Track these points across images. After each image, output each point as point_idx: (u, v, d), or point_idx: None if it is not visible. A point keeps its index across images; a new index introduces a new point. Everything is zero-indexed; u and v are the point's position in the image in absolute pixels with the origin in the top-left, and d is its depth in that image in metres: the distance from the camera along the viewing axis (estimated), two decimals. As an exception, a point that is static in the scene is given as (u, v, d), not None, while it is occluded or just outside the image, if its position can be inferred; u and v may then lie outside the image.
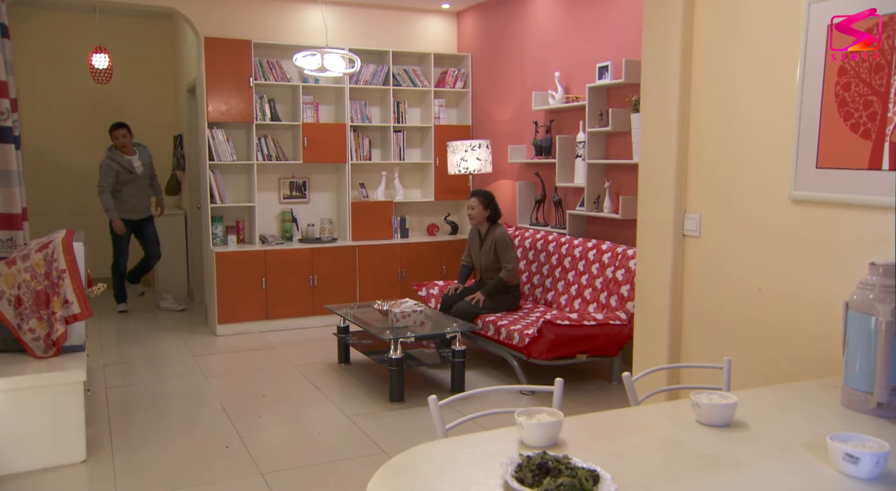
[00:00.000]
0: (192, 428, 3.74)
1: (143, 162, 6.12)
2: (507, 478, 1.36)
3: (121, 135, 5.97)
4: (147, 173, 6.19)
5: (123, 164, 5.98)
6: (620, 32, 4.60)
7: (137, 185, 6.12)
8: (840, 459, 1.43)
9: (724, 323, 2.75)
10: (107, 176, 5.92)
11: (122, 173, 5.96)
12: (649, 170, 3.02)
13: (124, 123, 6.05)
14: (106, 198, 5.95)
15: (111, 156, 5.96)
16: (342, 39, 6.00)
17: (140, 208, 6.22)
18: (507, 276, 4.70)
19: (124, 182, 6.01)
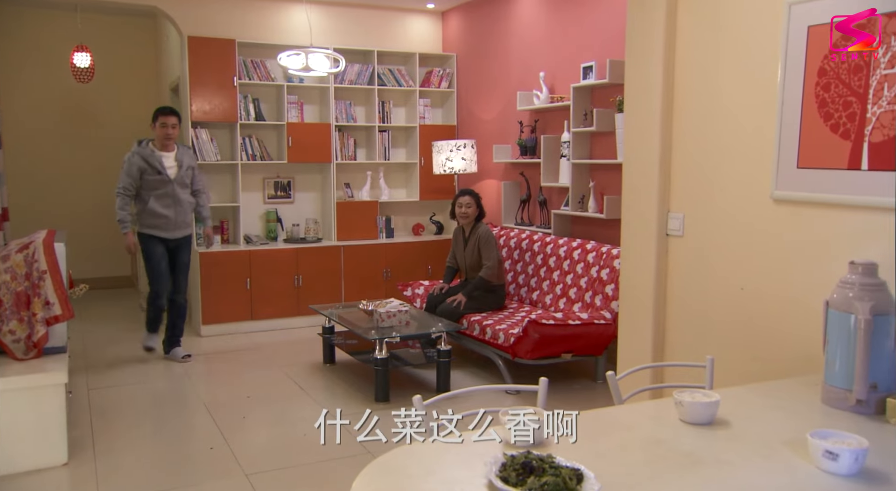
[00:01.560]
0: (176, 430, 3.71)
1: (179, 163, 4.68)
2: (491, 477, 1.36)
3: (169, 124, 4.57)
4: (184, 179, 4.71)
5: (150, 162, 4.57)
6: (604, 33, 4.63)
7: (169, 192, 4.65)
8: (820, 455, 1.44)
9: (708, 322, 2.77)
10: (125, 174, 4.60)
11: (147, 173, 4.58)
12: (633, 170, 3.04)
13: (176, 111, 4.66)
14: (119, 202, 4.60)
15: (138, 149, 4.61)
16: (327, 39, 5.98)
17: (172, 224, 4.69)
18: (488, 274, 4.70)
19: (151, 186, 4.60)
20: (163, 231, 4.68)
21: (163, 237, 4.70)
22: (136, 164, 4.56)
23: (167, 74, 6.88)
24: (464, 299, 4.61)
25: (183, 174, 4.69)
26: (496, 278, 4.75)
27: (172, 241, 4.75)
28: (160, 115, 4.58)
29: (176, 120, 4.60)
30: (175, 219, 4.69)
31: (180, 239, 4.78)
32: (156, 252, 4.71)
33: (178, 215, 4.70)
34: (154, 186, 4.60)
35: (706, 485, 1.42)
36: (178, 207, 4.70)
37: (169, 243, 4.73)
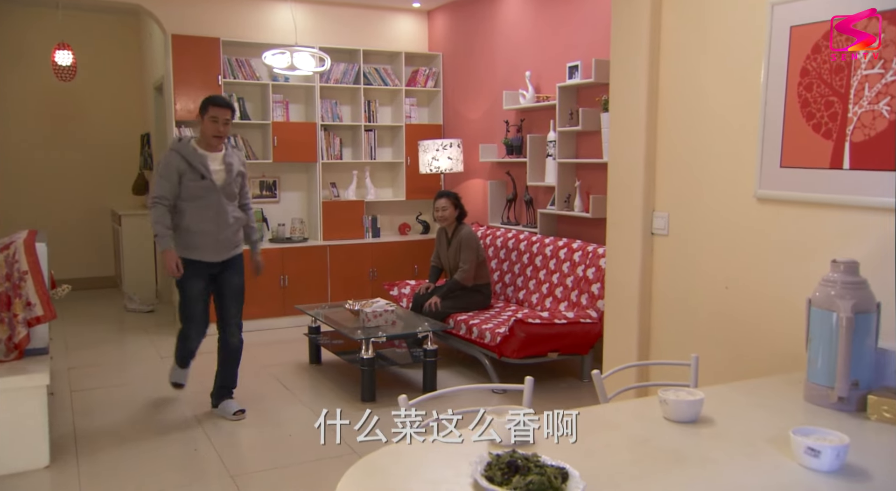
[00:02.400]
0: (160, 431, 3.68)
1: (227, 167, 3.64)
2: (476, 477, 1.36)
3: (222, 119, 3.56)
4: (232, 188, 3.66)
5: (192, 162, 3.52)
6: (590, 32, 4.64)
7: (212, 203, 3.58)
8: (802, 452, 1.45)
9: (692, 320, 2.79)
10: (161, 178, 3.55)
11: (188, 177, 3.53)
12: (618, 169, 3.05)
13: (230, 104, 3.67)
14: (155, 214, 3.55)
15: (177, 146, 3.59)
16: (312, 38, 5.95)
17: (215, 244, 3.64)
18: (462, 277, 4.69)
19: (190, 194, 3.55)
20: (204, 253, 3.60)
21: (204, 262, 3.62)
22: (175, 164, 3.51)
23: (151, 73, 6.82)
24: (438, 301, 4.60)
25: (231, 181, 3.62)
26: (471, 281, 4.73)
27: (217, 265, 3.68)
28: (211, 106, 3.55)
29: (230, 115, 3.61)
30: (219, 236, 3.60)
31: (228, 261, 3.70)
32: (193, 286, 3.65)
33: (224, 232, 3.62)
34: (194, 195, 3.54)
35: (690, 483, 1.42)
36: (224, 222, 3.61)
37: (213, 268, 3.67)
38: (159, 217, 3.54)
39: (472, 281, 4.72)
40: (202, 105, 3.61)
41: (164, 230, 3.54)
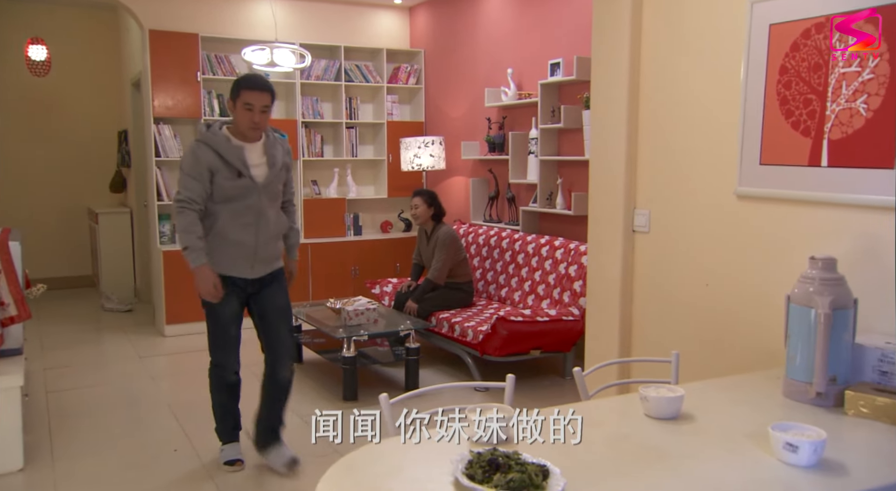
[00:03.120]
0: (139, 432, 3.63)
1: (270, 160, 2.92)
2: (457, 475, 1.36)
3: (258, 106, 2.80)
4: (275, 186, 2.97)
5: (226, 156, 2.81)
6: (572, 29, 4.65)
7: (252, 205, 2.89)
8: (780, 448, 1.47)
9: (674, 317, 2.80)
10: (188, 175, 2.81)
11: (221, 174, 2.82)
12: (599, 166, 3.06)
13: (268, 85, 2.87)
14: (183, 220, 2.82)
15: (206, 137, 2.83)
16: (292, 34, 5.90)
17: (253, 257, 2.95)
18: (433, 276, 4.67)
19: (224, 195, 2.84)
20: (239, 268, 2.91)
21: (238, 278, 2.93)
22: (205, 159, 2.78)
23: (129, 69, 6.71)
24: (415, 307, 4.59)
25: (274, 178, 2.92)
26: (443, 279, 4.72)
27: (254, 283, 2.98)
28: (244, 91, 2.77)
29: (270, 99, 2.83)
30: (259, 248, 2.91)
31: (266, 277, 3.00)
32: (226, 306, 2.94)
33: (264, 242, 2.92)
34: (229, 196, 2.83)
35: (671, 479, 1.43)
36: (265, 230, 2.91)
37: (249, 286, 2.97)
38: (188, 225, 2.79)
39: (444, 280, 4.71)
40: (233, 88, 2.83)
41: (195, 241, 2.79)
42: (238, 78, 2.88)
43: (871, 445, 1.60)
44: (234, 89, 2.82)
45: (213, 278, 2.82)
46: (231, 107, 2.85)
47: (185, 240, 2.81)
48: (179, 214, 2.83)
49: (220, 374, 3.14)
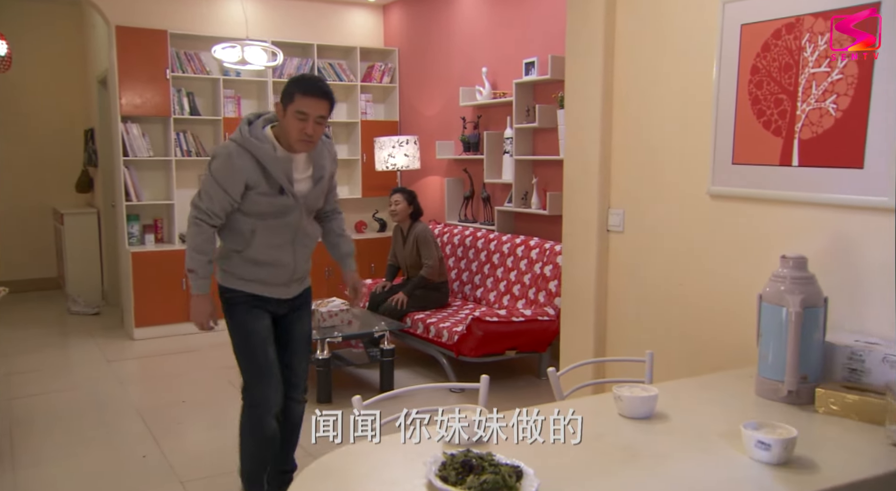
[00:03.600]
0: (106, 438, 3.54)
1: (317, 169, 2.49)
2: (430, 477, 1.35)
3: (312, 115, 2.32)
4: (317, 200, 2.54)
5: (270, 168, 2.35)
6: (546, 28, 4.65)
7: (291, 222, 2.46)
8: (752, 446, 1.48)
9: (648, 316, 2.81)
10: (214, 184, 2.35)
11: (259, 190, 2.36)
12: (574, 166, 3.06)
13: (328, 92, 2.37)
14: (196, 237, 2.41)
15: (247, 141, 2.33)
16: (264, 31, 5.82)
17: (289, 276, 2.53)
18: (428, 273, 4.66)
19: (260, 211, 2.40)
20: (272, 288, 2.49)
21: (271, 299, 2.50)
22: (243, 168, 2.31)
23: (95, 65, 6.56)
24: (405, 298, 4.57)
25: (318, 191, 2.51)
26: (437, 276, 4.72)
27: (285, 304, 2.56)
28: (299, 96, 2.30)
29: (328, 109, 2.36)
30: (296, 266, 2.52)
31: (298, 298, 2.60)
32: (258, 329, 2.49)
33: (303, 260, 2.55)
34: (266, 211, 2.39)
35: (644, 478, 1.43)
36: (303, 247, 2.52)
37: (280, 307, 2.55)
38: (201, 244, 2.38)
39: (438, 277, 4.70)
40: (286, 91, 2.32)
41: (204, 266, 2.38)
42: (293, 79, 2.37)
43: (841, 442, 1.61)
44: (286, 92, 2.33)
45: (209, 313, 2.45)
46: (279, 111, 2.35)
47: (193, 261, 2.39)
48: (193, 227, 2.39)
49: (260, 416, 2.45)
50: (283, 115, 2.34)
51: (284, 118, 2.34)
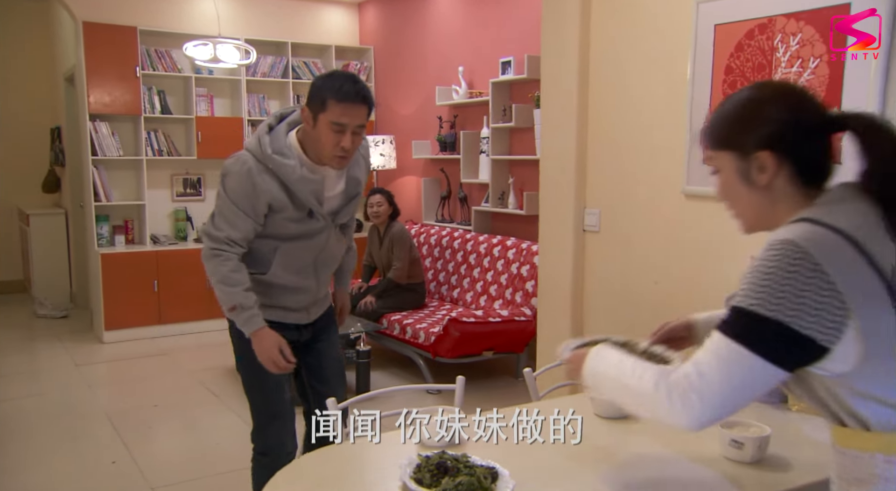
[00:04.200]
0: (74, 444, 3.45)
1: (349, 184, 2.13)
2: (404, 479, 1.33)
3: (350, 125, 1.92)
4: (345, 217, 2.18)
5: (297, 191, 1.98)
6: (523, 27, 4.65)
7: (319, 244, 2.12)
8: (727, 444, 1.49)
9: (624, 316, 2.81)
10: (237, 209, 1.97)
11: (285, 214, 2.01)
12: (550, 165, 3.05)
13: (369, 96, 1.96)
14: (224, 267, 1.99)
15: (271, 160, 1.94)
16: (236, 29, 5.73)
17: (310, 301, 2.21)
18: (395, 275, 4.63)
19: (283, 233, 2.05)
20: (291, 314, 2.17)
21: (289, 325, 2.17)
22: (265, 190, 1.96)
23: (61, 62, 6.41)
24: (373, 300, 4.54)
25: (351, 208, 2.18)
26: (405, 278, 4.68)
27: (306, 330, 2.24)
28: (335, 102, 1.90)
29: (367, 115, 1.97)
30: (319, 288, 2.21)
31: (319, 320, 2.27)
32: None
33: (325, 281, 2.23)
34: (290, 233, 2.06)
35: (618, 478, 1.42)
36: (325, 267, 2.20)
37: (301, 335, 2.21)
38: (229, 275, 1.97)
39: (406, 279, 4.67)
40: (315, 95, 1.92)
41: (244, 297, 1.98)
42: (323, 80, 1.92)
43: (815, 440, 1.62)
44: (315, 96, 1.90)
45: (277, 342, 2.00)
46: (308, 119, 1.93)
47: (229, 297, 1.97)
48: (212, 259, 1.98)
49: (272, 465, 1.79)
50: (311, 125, 1.92)
51: (314, 128, 1.92)
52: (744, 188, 1.14)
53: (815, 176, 1.09)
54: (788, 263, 0.98)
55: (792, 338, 0.98)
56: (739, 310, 1.03)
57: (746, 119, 1.10)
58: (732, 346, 1.01)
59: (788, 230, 1.03)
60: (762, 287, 1.00)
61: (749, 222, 1.20)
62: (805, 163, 1.08)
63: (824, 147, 1.09)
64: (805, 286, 0.97)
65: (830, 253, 0.98)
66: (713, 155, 1.17)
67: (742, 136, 1.10)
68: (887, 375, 1.00)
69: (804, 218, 1.04)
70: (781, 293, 0.98)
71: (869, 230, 1.01)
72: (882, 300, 0.98)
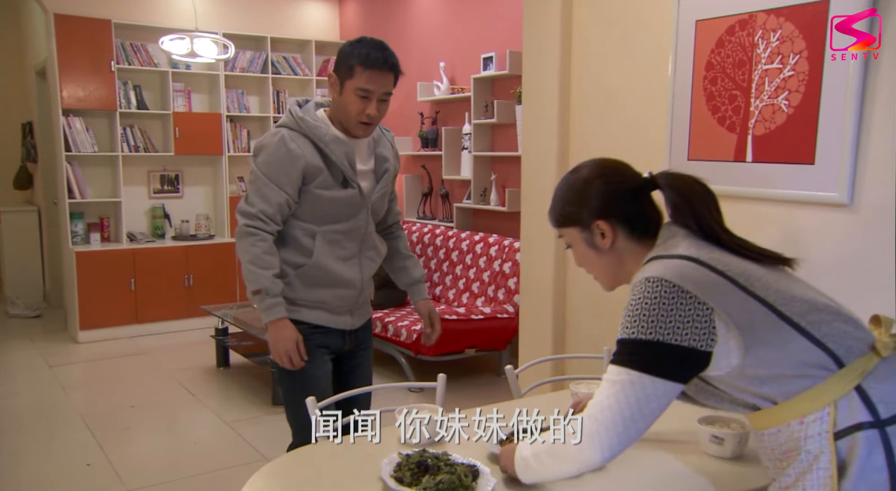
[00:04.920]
0: (48, 446, 3.38)
1: (379, 162, 2.05)
2: (385, 478, 1.32)
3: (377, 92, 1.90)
4: (383, 198, 2.08)
5: (331, 153, 1.91)
6: (504, 23, 4.63)
7: (358, 227, 2.00)
8: (707, 440, 1.49)
9: (606, 313, 2.81)
10: (269, 181, 1.89)
11: (321, 181, 1.92)
12: (531, 161, 3.04)
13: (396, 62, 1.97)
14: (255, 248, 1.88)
15: (303, 123, 1.92)
16: (214, 23, 5.64)
17: (357, 301, 2.07)
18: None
19: (325, 213, 1.94)
20: (336, 317, 2.01)
21: (335, 331, 2.02)
22: (301, 155, 1.89)
23: (33, 55, 6.27)
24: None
25: (382, 189, 2.05)
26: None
27: (349, 337, 2.07)
28: (362, 68, 1.88)
29: (393, 82, 1.96)
30: (363, 286, 2.06)
31: (360, 330, 2.11)
32: (319, 376, 2.01)
33: (369, 279, 2.09)
34: (329, 212, 1.94)
35: (598, 475, 1.41)
36: (370, 261, 2.07)
37: (344, 344, 2.05)
38: (260, 256, 1.87)
39: None
40: (342, 61, 1.91)
41: (271, 282, 1.87)
42: (350, 45, 1.91)
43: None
44: (342, 63, 1.90)
45: (295, 337, 1.88)
46: (335, 85, 1.91)
47: (256, 278, 1.86)
48: (246, 238, 1.87)
49: None
50: (338, 92, 1.91)
51: (340, 95, 1.90)
52: (594, 254, 1.35)
53: (645, 229, 1.30)
54: (651, 293, 1.15)
55: (675, 352, 1.13)
56: (623, 341, 1.19)
57: (577, 198, 1.32)
58: (623, 372, 1.16)
59: (643, 271, 1.22)
60: (636, 318, 1.17)
61: (607, 281, 1.41)
62: (634, 221, 1.30)
63: (645, 205, 1.32)
64: (671, 306, 1.13)
65: (681, 273, 1.15)
66: (562, 232, 1.37)
67: (578, 214, 1.31)
68: (774, 353, 1.12)
69: (651, 258, 1.24)
70: (652, 318, 1.14)
71: (699, 248, 1.21)
72: (738, 294, 1.13)
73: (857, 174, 1.98)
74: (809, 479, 1.10)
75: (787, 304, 1.14)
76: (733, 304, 1.12)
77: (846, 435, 1.07)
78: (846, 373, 1.10)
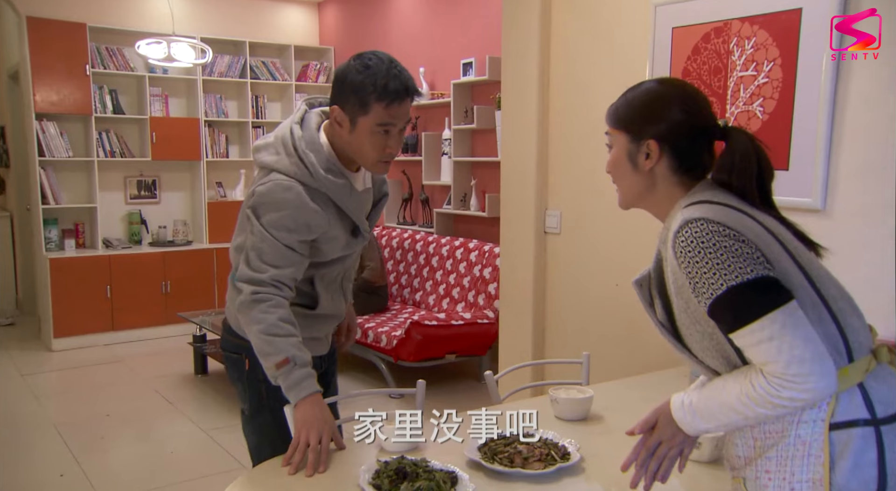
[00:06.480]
0: (20, 457, 3.31)
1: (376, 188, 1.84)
2: (363, 485, 1.32)
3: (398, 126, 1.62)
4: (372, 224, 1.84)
5: (345, 206, 1.67)
6: (484, 28, 4.65)
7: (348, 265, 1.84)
8: (687, 444, 1.48)
9: (586, 318, 2.82)
10: (282, 245, 1.59)
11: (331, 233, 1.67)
12: (511, 167, 3.05)
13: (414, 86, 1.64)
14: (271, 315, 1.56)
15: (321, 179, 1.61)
16: (192, 27, 5.60)
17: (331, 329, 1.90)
18: (371, 275, 4.60)
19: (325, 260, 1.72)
20: (319, 345, 1.85)
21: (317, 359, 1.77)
22: (320, 223, 1.64)
23: (5, 58, 6.15)
24: None
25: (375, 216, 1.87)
26: (379, 279, 4.65)
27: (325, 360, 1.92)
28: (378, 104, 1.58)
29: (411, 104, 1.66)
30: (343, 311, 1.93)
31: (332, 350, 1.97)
32: None
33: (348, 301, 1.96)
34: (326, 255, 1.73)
35: (578, 480, 1.42)
36: (349, 283, 1.92)
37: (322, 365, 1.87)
38: (277, 324, 1.57)
39: (382, 279, 4.63)
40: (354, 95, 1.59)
41: (297, 348, 1.57)
42: (357, 73, 1.60)
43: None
44: (353, 96, 1.58)
45: (331, 419, 1.54)
46: (343, 122, 1.61)
47: (277, 348, 1.55)
48: (254, 306, 1.57)
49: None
50: (349, 130, 1.60)
51: (352, 133, 1.60)
52: (629, 167, 1.28)
53: (690, 170, 1.22)
54: (716, 234, 1.06)
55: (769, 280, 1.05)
56: (733, 289, 1.05)
57: (647, 111, 1.23)
58: (767, 317, 1.04)
59: (693, 211, 1.11)
60: (721, 262, 1.06)
61: (627, 199, 1.35)
62: (685, 159, 1.21)
63: (705, 149, 1.23)
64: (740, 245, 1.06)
65: (737, 222, 1.08)
66: (612, 132, 1.30)
67: (639, 125, 1.23)
68: None
69: (700, 201, 1.14)
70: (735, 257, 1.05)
71: (742, 205, 1.14)
72: (785, 257, 1.08)
73: (829, 180, 2.01)
74: (798, 464, 1.09)
75: (824, 284, 1.11)
76: (784, 266, 1.07)
77: (842, 428, 1.07)
78: (855, 368, 1.08)
